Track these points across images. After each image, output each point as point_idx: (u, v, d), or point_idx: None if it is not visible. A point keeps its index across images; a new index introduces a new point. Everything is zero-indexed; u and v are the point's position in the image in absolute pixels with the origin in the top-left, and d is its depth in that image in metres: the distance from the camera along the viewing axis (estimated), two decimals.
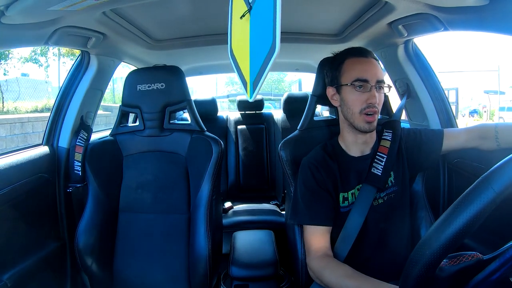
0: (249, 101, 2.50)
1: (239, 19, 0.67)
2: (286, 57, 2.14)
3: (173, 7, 1.19)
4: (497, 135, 0.93)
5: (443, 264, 0.52)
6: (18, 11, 0.86)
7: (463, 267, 0.52)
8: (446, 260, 0.52)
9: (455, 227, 0.47)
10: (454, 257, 0.53)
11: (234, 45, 0.72)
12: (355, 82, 0.94)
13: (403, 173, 1.02)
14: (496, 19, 0.86)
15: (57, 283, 1.33)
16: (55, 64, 9.01)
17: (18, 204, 1.17)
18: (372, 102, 0.92)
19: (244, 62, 0.67)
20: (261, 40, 0.61)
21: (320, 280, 0.90)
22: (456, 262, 0.53)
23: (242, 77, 0.69)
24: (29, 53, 8.66)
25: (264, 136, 2.46)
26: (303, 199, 0.98)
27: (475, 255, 0.53)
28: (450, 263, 0.53)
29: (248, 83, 0.66)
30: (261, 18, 0.61)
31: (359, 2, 1.14)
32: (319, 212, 0.95)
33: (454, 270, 0.52)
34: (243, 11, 0.65)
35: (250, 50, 0.65)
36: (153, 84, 1.24)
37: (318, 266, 0.90)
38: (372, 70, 0.94)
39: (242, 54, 0.68)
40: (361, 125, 0.95)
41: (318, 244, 0.94)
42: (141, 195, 1.27)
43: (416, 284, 0.50)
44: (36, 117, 6.16)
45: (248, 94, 0.66)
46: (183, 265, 1.20)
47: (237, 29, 0.70)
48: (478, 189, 0.47)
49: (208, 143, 1.21)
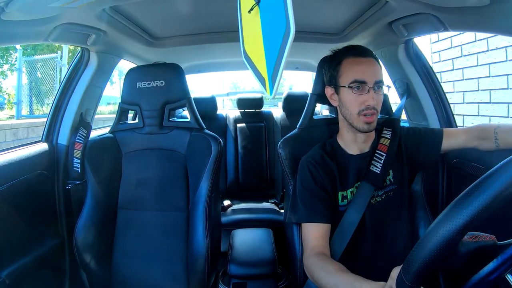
0: (249, 99, 2.51)
1: (248, 15, 0.66)
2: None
3: (173, 4, 1.19)
4: (497, 136, 0.93)
5: (464, 239, 0.53)
6: (18, 8, 0.85)
7: (481, 246, 0.54)
8: (466, 236, 0.54)
9: (487, 194, 0.46)
10: (473, 235, 0.54)
11: (246, 44, 0.71)
12: (353, 84, 0.93)
13: (402, 171, 1.02)
14: (497, 19, 0.86)
15: (56, 280, 1.33)
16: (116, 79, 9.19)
17: (17, 201, 1.17)
18: (370, 104, 0.92)
19: (260, 58, 0.66)
20: (274, 28, 0.60)
21: (311, 276, 0.89)
22: (475, 239, 0.54)
23: (259, 75, 0.67)
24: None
25: (263, 135, 2.46)
26: (301, 198, 0.99)
27: (492, 237, 0.55)
28: (470, 239, 0.54)
29: (266, 79, 0.64)
30: (271, 6, 0.60)
31: (360, 1, 1.14)
32: (317, 210, 0.95)
33: (473, 247, 0.54)
34: (251, 5, 0.64)
35: (264, 43, 0.64)
36: (153, 82, 1.24)
37: (312, 262, 0.89)
38: (370, 71, 0.93)
39: (257, 51, 0.67)
40: (360, 126, 0.95)
41: (315, 242, 0.94)
42: (140, 192, 1.27)
43: (437, 252, 0.49)
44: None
45: (267, 91, 0.64)
46: (181, 263, 1.20)
47: (248, 26, 0.69)
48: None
49: (208, 141, 1.21)
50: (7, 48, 7.19)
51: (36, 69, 6.49)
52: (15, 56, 7.13)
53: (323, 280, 0.82)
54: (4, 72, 7.50)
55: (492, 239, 0.54)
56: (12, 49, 7.30)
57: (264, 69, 0.65)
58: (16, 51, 6.81)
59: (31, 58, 6.65)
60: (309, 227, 0.96)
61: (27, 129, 4.91)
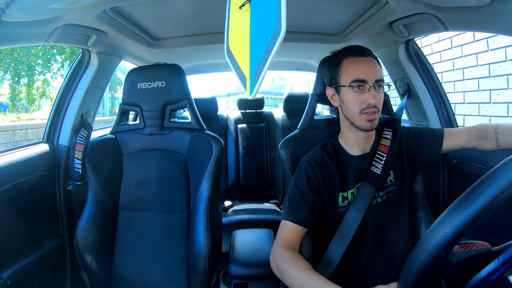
0: (249, 100, 2.52)
1: (238, 10, 0.64)
2: (286, 56, 2.14)
3: (173, 5, 1.19)
4: (497, 135, 0.93)
5: (455, 250, 0.52)
6: (18, 9, 0.86)
7: (473, 254, 0.53)
8: (457, 246, 0.53)
9: (477, 204, 0.46)
10: (465, 244, 0.54)
11: (231, 40, 0.69)
12: (353, 83, 0.93)
13: (403, 172, 1.02)
14: (497, 19, 0.86)
15: (57, 281, 1.33)
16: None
17: (18, 202, 1.17)
18: (371, 102, 0.92)
19: (243, 56, 0.64)
20: (263, 27, 0.58)
21: (277, 267, 0.87)
22: (467, 248, 0.53)
23: (240, 73, 0.65)
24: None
25: (264, 135, 2.46)
26: (290, 196, 0.99)
27: (485, 244, 0.54)
28: (461, 249, 0.53)
29: (248, 78, 0.63)
30: (263, 4, 0.59)
31: (360, 2, 1.14)
32: (300, 213, 0.95)
33: (464, 257, 0.53)
34: (242, 1, 0.63)
35: (250, 41, 0.62)
36: (154, 82, 1.24)
37: (281, 254, 0.88)
38: (370, 69, 0.93)
39: (241, 48, 0.65)
40: (362, 124, 0.94)
41: (288, 236, 0.93)
42: (141, 193, 1.27)
43: (426, 266, 0.50)
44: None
45: (247, 91, 0.63)
46: (182, 264, 1.20)
47: (236, 22, 0.67)
48: (505, 167, 0.47)
49: (208, 142, 1.21)
50: (49, 58, 8.01)
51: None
52: (57, 66, 8.25)
53: (290, 274, 0.81)
54: (46, 80, 8.29)
55: (486, 246, 0.53)
56: (53, 60, 8.18)
57: (247, 68, 0.63)
58: (58, 62, 8.03)
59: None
60: (287, 224, 0.95)
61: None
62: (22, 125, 5.52)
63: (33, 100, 8.07)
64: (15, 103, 8.05)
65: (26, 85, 7.94)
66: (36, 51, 7.76)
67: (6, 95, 8.18)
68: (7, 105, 8.10)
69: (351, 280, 0.98)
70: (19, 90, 7.99)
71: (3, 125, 5.29)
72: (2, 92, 8.24)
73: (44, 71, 8.12)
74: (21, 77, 7.89)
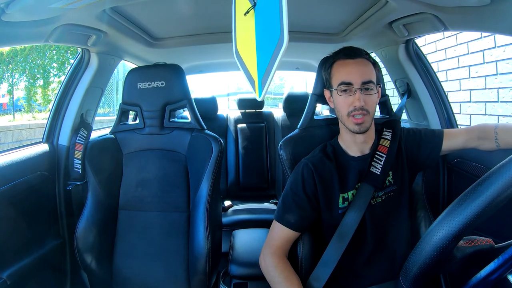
0: (249, 100, 2.51)
1: (243, 17, 0.66)
2: (287, 56, 2.12)
3: (173, 5, 1.19)
4: (497, 136, 0.93)
5: (459, 244, 0.53)
6: (18, 9, 0.86)
7: (478, 250, 0.53)
8: (462, 241, 0.53)
9: (483, 199, 0.47)
10: (469, 239, 0.54)
11: (239, 44, 0.71)
12: (340, 86, 0.95)
13: (402, 172, 1.02)
14: (497, 19, 0.86)
15: (57, 281, 1.33)
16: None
17: (18, 201, 1.17)
18: (356, 105, 0.92)
19: (251, 61, 0.66)
20: (267, 35, 0.60)
21: (265, 272, 0.96)
22: (471, 244, 0.54)
23: (249, 76, 0.68)
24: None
25: (264, 135, 2.46)
26: (284, 197, 1.01)
27: (489, 241, 0.54)
28: (465, 244, 0.53)
29: (256, 81, 0.65)
30: (267, 12, 0.60)
31: (360, 2, 1.14)
32: (293, 217, 0.97)
33: (468, 252, 0.53)
34: (247, 8, 0.65)
35: (256, 47, 0.64)
36: (153, 82, 1.24)
37: (272, 262, 0.96)
38: (356, 72, 0.93)
39: (248, 52, 0.67)
40: (350, 126, 0.95)
41: (280, 243, 0.98)
42: (140, 193, 1.27)
43: (432, 258, 0.50)
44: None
45: (256, 93, 0.65)
46: (182, 263, 1.20)
47: (242, 27, 0.69)
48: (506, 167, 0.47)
49: (208, 142, 1.21)
50: (63, 62, 8.29)
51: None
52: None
53: (275, 284, 0.92)
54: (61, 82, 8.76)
55: (489, 243, 0.54)
56: (68, 63, 8.34)
57: (255, 71, 0.65)
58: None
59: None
60: (280, 227, 0.99)
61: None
62: (38, 124, 5.88)
63: (49, 101, 8.37)
64: (31, 104, 8.36)
65: (42, 87, 8.29)
66: (51, 55, 8.07)
67: (21, 96, 8.56)
68: (21, 105, 8.44)
69: (351, 279, 0.98)
70: (34, 91, 8.31)
71: (21, 123, 5.82)
72: (19, 94, 8.61)
73: (59, 74, 8.42)
74: (37, 79, 8.22)
